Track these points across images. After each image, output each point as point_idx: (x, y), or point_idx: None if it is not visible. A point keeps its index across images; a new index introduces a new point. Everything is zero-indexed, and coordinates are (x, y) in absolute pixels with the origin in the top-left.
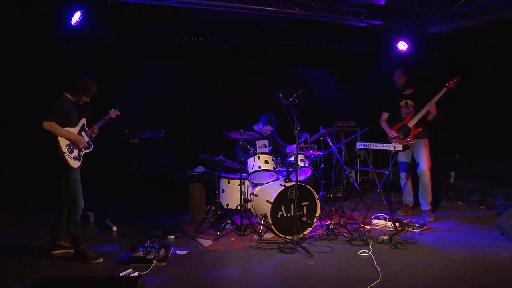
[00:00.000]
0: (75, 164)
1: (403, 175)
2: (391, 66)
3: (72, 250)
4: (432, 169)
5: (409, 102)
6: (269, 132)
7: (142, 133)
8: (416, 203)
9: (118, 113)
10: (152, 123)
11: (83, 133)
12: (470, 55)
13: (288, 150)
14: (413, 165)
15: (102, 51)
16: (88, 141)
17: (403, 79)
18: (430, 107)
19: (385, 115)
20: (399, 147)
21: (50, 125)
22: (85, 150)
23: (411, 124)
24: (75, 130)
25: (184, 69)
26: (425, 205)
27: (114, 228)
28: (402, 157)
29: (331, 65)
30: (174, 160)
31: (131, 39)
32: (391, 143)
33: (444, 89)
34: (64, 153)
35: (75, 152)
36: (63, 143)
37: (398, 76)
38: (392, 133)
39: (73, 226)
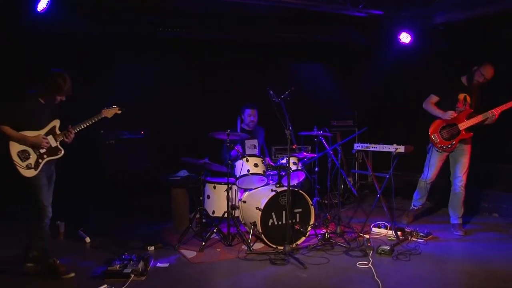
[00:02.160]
0: (29, 173)
1: (425, 177)
2: (392, 60)
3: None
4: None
5: (468, 98)
6: (252, 119)
7: (119, 134)
8: (422, 209)
9: (119, 112)
10: (130, 123)
11: (50, 137)
12: (481, 48)
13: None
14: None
15: (75, 43)
16: (56, 146)
17: (493, 71)
18: (492, 115)
19: (434, 98)
20: (401, 149)
21: (2, 129)
22: (50, 157)
23: (462, 126)
24: (40, 133)
25: (167, 63)
26: (456, 219)
27: (88, 239)
28: (437, 158)
29: (327, 60)
30: (155, 163)
31: (107, 31)
32: (434, 142)
33: None
34: (14, 161)
35: (31, 159)
36: (14, 149)
37: (489, 69)
38: (451, 113)
39: (40, 237)
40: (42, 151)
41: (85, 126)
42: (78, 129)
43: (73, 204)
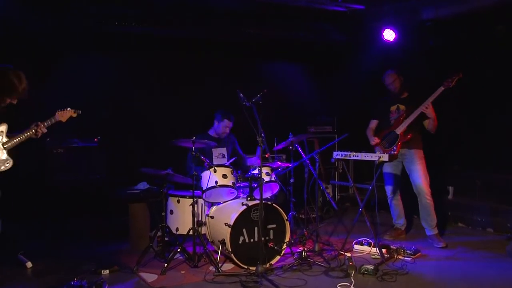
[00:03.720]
0: None
1: (389, 191)
2: (375, 60)
3: None
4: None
5: (401, 106)
6: (227, 131)
7: (69, 141)
8: (411, 225)
9: (74, 114)
10: (82, 129)
11: None
12: (472, 45)
13: (248, 162)
14: (405, 179)
15: (17, 37)
16: (6, 157)
17: (398, 81)
18: (425, 108)
19: (373, 123)
20: (385, 157)
21: None
22: None
23: (399, 130)
24: None
25: (125, 62)
26: (430, 230)
27: (29, 264)
28: (388, 169)
29: (304, 59)
30: (111, 174)
31: (50, 23)
32: (377, 153)
33: (442, 88)
34: None
35: None
36: None
37: (390, 78)
38: (373, 139)
39: None
40: None
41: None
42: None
43: (11, 223)
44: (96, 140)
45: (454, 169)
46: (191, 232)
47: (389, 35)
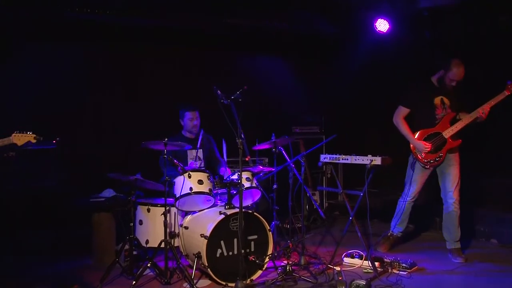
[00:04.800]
0: None
1: (410, 196)
2: (367, 54)
3: None
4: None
5: (446, 100)
6: (196, 123)
7: (23, 144)
8: (407, 235)
9: (34, 141)
10: (39, 129)
11: None
12: (473, 37)
13: (220, 171)
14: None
15: None
16: None
17: (463, 70)
18: (482, 112)
19: (405, 112)
20: (377, 160)
21: None
22: None
23: (447, 133)
24: None
25: (88, 54)
26: (452, 243)
27: None
28: (420, 173)
29: (288, 53)
30: (71, 181)
31: (3, 9)
32: (417, 156)
33: (505, 93)
34: None
35: None
36: None
37: (463, 68)
38: (424, 146)
39: None
40: None
41: None
42: None
43: None
44: (54, 141)
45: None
46: (162, 245)
47: (382, 25)
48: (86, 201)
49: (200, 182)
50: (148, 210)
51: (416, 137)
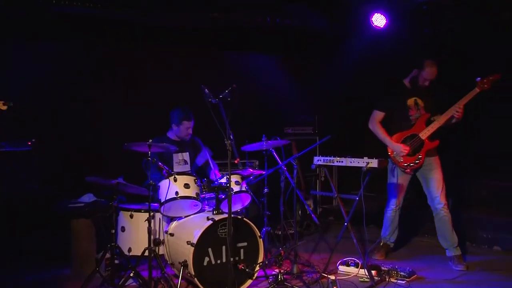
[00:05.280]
0: None
1: (393, 204)
2: (363, 51)
3: None
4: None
5: (419, 101)
6: (190, 132)
7: None
8: (405, 242)
9: (4, 107)
10: (13, 130)
11: None
12: (474, 34)
13: (210, 176)
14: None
15: None
16: None
17: (436, 69)
18: (456, 111)
19: (380, 116)
20: (374, 163)
21: None
22: None
23: (424, 134)
24: None
25: (68, 51)
26: (452, 250)
27: None
28: (400, 179)
29: (280, 49)
30: (49, 184)
31: None
32: (396, 161)
33: (477, 90)
34: None
35: None
36: None
37: (435, 68)
38: (402, 148)
39: None
40: None
41: None
42: None
43: None
44: (29, 143)
45: (454, 177)
46: (146, 253)
47: (379, 20)
48: (64, 206)
49: (187, 186)
50: (131, 216)
51: (393, 139)
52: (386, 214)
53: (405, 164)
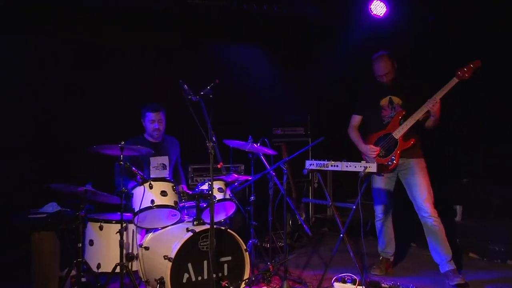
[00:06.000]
0: None
1: (379, 212)
2: (361, 42)
3: None
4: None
5: (395, 99)
6: (159, 127)
7: None
8: (407, 255)
9: None
10: None
11: None
12: (485, 24)
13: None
14: (399, 197)
15: None
16: None
17: (390, 66)
18: (432, 105)
19: (356, 119)
20: (373, 167)
21: None
22: None
23: (398, 133)
24: None
25: (29, 44)
26: (445, 264)
27: None
28: (379, 183)
29: (268, 41)
30: (6, 193)
31: None
32: (363, 162)
33: (455, 80)
34: None
35: None
36: None
37: (380, 61)
38: (370, 149)
39: None
40: None
41: None
42: None
43: None
44: None
45: (463, 183)
46: (117, 270)
47: (378, 8)
48: (23, 217)
49: (164, 193)
50: (101, 228)
51: (365, 142)
52: (377, 226)
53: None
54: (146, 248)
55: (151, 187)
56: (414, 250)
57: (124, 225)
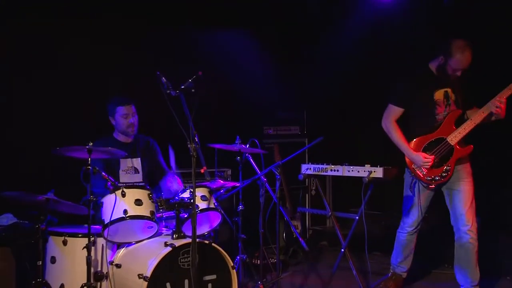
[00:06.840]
0: None
1: (410, 225)
2: (364, 32)
3: None
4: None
5: (451, 94)
6: (133, 122)
7: None
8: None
9: None
10: None
11: None
12: (503, 5)
13: (165, 183)
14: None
15: None
16: None
17: (470, 54)
18: (496, 107)
19: (397, 113)
20: (378, 172)
21: None
22: None
23: (454, 139)
24: None
25: None
26: (469, 286)
27: None
28: (420, 195)
29: (259, 28)
30: None
31: None
32: (417, 173)
33: None
34: None
35: None
36: None
37: (470, 52)
38: (423, 160)
39: None
40: None
41: None
42: None
43: None
44: None
45: (485, 188)
46: None
47: None
48: None
49: (139, 202)
50: (64, 243)
51: (412, 147)
52: (399, 237)
53: (429, 178)
54: (118, 266)
55: (123, 195)
56: (422, 265)
57: (92, 239)
